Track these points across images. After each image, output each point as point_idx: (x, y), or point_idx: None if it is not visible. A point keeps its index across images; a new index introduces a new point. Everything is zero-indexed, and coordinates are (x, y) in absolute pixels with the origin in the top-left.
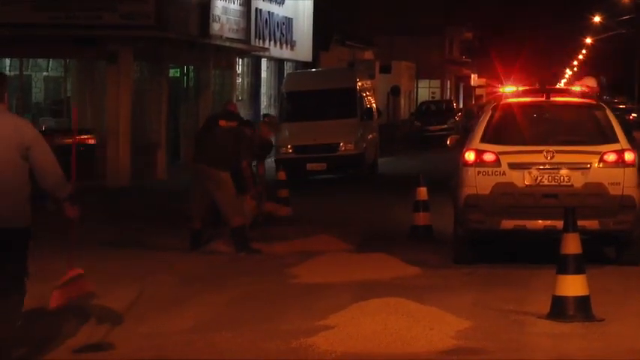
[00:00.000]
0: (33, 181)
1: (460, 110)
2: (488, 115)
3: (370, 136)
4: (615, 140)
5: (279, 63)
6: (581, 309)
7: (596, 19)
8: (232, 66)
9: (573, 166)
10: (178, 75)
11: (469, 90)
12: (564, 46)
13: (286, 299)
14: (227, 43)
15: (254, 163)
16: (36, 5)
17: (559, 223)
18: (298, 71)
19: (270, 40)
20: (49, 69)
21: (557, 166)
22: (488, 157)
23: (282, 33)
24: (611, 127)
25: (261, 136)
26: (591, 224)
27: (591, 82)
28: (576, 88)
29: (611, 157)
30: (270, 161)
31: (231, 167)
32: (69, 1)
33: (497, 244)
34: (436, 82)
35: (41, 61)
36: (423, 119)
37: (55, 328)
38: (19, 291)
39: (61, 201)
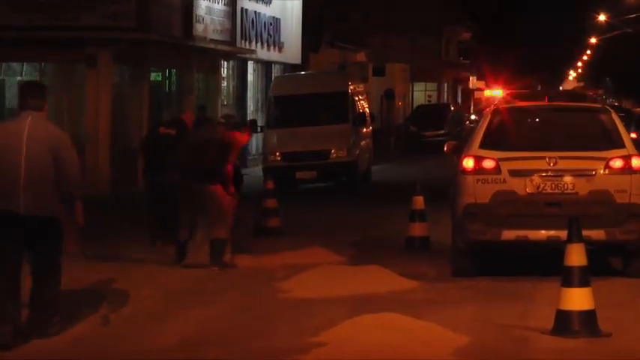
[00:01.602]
0: None
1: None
2: (488, 119)
3: (363, 142)
4: (621, 145)
5: (266, 66)
6: (587, 324)
7: (601, 17)
8: (217, 69)
9: (577, 173)
10: (160, 79)
11: (468, 93)
12: (568, 46)
13: (276, 315)
14: (211, 45)
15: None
16: (12, 6)
17: (563, 233)
18: (286, 74)
19: (256, 42)
20: (23, 73)
21: (561, 173)
22: (488, 163)
23: (269, 34)
24: (617, 131)
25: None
26: (597, 234)
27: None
28: None
29: (617, 163)
30: (257, 170)
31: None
32: (46, 2)
33: (498, 255)
34: (432, 85)
35: (15, 65)
36: (418, 124)
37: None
38: (53, 276)
39: (75, 200)
